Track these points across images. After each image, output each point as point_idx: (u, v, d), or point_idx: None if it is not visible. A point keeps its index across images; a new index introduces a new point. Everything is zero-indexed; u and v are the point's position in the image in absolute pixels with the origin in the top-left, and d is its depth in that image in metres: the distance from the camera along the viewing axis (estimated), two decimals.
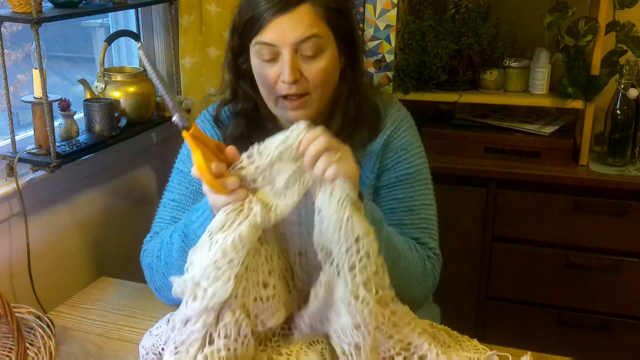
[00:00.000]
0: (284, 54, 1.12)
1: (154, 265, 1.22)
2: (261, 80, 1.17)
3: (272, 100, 1.18)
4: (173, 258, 1.16)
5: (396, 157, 1.25)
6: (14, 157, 1.54)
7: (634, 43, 1.91)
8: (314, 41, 1.12)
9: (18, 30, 1.76)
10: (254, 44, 1.14)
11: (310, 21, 1.11)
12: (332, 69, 1.16)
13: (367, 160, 1.25)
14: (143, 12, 2.04)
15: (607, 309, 1.99)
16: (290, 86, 1.13)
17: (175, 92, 2.10)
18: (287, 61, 1.11)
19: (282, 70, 1.13)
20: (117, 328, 1.26)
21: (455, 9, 2.06)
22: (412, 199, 1.24)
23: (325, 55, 1.14)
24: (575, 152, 1.99)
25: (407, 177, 1.25)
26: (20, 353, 0.94)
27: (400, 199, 1.24)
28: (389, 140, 1.26)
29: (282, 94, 1.15)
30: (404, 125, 1.28)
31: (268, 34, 1.12)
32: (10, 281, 1.56)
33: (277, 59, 1.14)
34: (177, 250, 1.15)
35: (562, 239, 1.97)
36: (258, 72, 1.17)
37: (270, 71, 1.14)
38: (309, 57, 1.13)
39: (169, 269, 1.18)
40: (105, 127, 1.71)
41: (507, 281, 2.05)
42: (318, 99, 1.17)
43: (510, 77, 2.08)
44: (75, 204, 1.78)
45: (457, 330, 1.14)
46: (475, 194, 2.00)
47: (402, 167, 1.25)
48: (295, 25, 1.10)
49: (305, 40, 1.11)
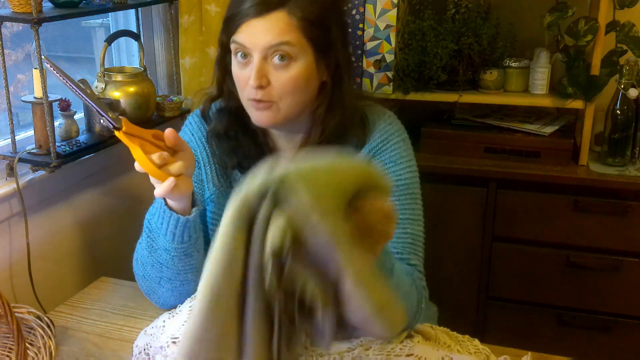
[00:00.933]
0: (254, 57, 1.12)
1: (136, 269, 1.24)
2: (236, 79, 1.18)
3: (245, 101, 1.18)
4: (144, 256, 1.18)
5: (384, 169, 1.21)
6: (14, 157, 1.54)
7: (634, 43, 1.91)
8: (285, 49, 1.11)
9: (18, 30, 1.76)
10: (231, 42, 1.15)
11: (283, 28, 1.10)
12: (303, 80, 1.14)
13: None
14: (143, 12, 2.04)
15: (607, 309, 1.99)
16: (255, 91, 1.13)
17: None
18: (255, 66, 1.11)
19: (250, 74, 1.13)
20: (117, 328, 1.26)
21: (455, 9, 2.06)
22: (399, 212, 1.19)
23: (297, 65, 1.13)
24: (575, 152, 1.99)
25: (395, 189, 1.21)
26: (20, 353, 0.94)
27: None
28: (375, 152, 1.23)
29: (250, 97, 1.15)
30: (394, 139, 1.25)
31: (242, 34, 1.12)
32: (10, 281, 1.56)
33: (250, 62, 1.13)
34: (146, 248, 1.17)
35: (562, 239, 1.97)
36: (234, 72, 1.17)
37: (242, 72, 1.15)
38: (278, 65, 1.12)
39: (144, 268, 1.20)
40: (105, 127, 1.70)
41: (507, 281, 2.05)
42: (285, 108, 1.15)
43: (510, 77, 2.08)
44: (75, 204, 1.78)
45: (457, 330, 1.14)
46: (475, 194, 2.00)
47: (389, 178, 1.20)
48: (267, 30, 1.10)
49: (275, 46, 1.11)
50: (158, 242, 1.14)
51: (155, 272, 1.17)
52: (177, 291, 1.19)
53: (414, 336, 1.10)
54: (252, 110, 1.17)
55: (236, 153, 1.25)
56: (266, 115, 1.16)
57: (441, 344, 1.09)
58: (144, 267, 1.20)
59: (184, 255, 1.14)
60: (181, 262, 1.15)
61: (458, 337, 1.12)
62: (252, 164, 1.11)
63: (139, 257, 1.21)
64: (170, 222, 1.10)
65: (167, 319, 1.14)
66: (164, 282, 1.18)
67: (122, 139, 0.97)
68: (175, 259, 1.14)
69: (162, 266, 1.16)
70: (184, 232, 1.11)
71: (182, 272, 1.16)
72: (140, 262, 1.21)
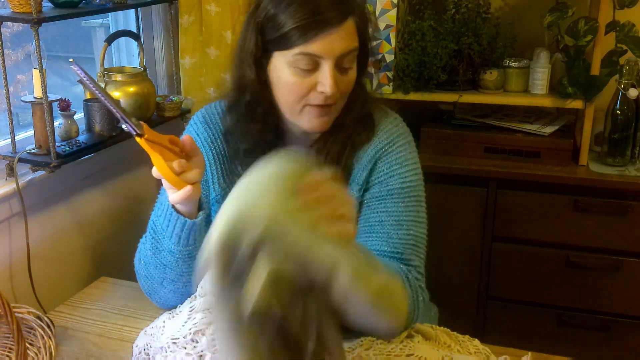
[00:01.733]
0: (326, 65, 1.11)
1: (138, 269, 1.24)
2: (292, 88, 1.14)
3: (298, 108, 1.16)
4: (147, 257, 1.19)
5: (389, 172, 1.22)
6: (14, 157, 1.54)
7: (634, 43, 1.91)
8: (354, 54, 1.15)
9: (18, 31, 1.76)
10: (295, 54, 1.11)
11: (353, 35, 1.14)
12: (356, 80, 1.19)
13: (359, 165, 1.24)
14: (143, 12, 2.04)
15: (607, 309, 1.99)
16: (326, 97, 1.13)
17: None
18: (330, 74, 1.11)
19: (319, 81, 1.12)
20: (117, 328, 1.26)
21: (455, 9, 2.06)
22: (402, 214, 1.20)
23: (354, 67, 1.17)
24: (575, 152, 1.99)
25: (400, 191, 1.21)
26: (20, 353, 0.94)
27: (390, 212, 1.20)
28: (381, 154, 1.23)
29: (314, 104, 1.15)
30: (400, 141, 1.25)
31: (315, 45, 1.10)
32: (10, 281, 1.56)
33: (315, 70, 1.13)
34: (150, 249, 1.17)
35: (562, 239, 1.97)
36: (288, 80, 1.14)
37: (305, 80, 1.13)
38: (344, 69, 1.14)
39: (147, 268, 1.20)
40: (105, 127, 1.71)
41: (507, 281, 2.05)
42: (337, 110, 1.19)
43: (510, 77, 2.08)
44: (75, 204, 1.78)
45: (457, 330, 1.14)
46: (475, 194, 2.00)
47: (394, 180, 1.22)
48: (343, 37, 1.11)
49: (347, 53, 1.13)
50: (163, 244, 1.15)
51: (158, 273, 1.18)
52: (179, 292, 1.19)
53: (414, 336, 1.10)
54: (312, 117, 1.16)
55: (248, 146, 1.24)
56: (326, 121, 1.17)
57: (441, 344, 1.09)
58: (146, 267, 1.20)
59: (188, 258, 1.14)
60: (185, 264, 1.15)
61: (458, 337, 1.12)
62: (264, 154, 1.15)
63: (141, 257, 1.21)
64: (177, 225, 1.10)
65: (167, 319, 1.14)
66: (166, 283, 1.18)
67: (143, 145, 0.96)
68: (179, 261, 1.15)
69: (166, 267, 1.16)
70: (189, 235, 1.11)
71: (185, 274, 1.16)
72: (143, 262, 1.21)
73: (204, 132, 1.28)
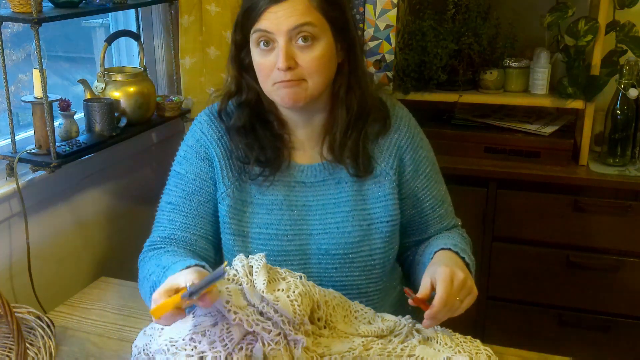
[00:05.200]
0: (279, 41, 1.15)
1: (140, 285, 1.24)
2: (259, 68, 1.20)
3: (269, 87, 1.20)
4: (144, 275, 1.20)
5: (418, 157, 1.32)
6: (14, 157, 1.54)
7: (634, 43, 1.91)
8: (308, 29, 1.16)
9: (18, 31, 1.76)
10: (252, 33, 1.18)
11: (303, 10, 1.15)
12: (327, 58, 1.19)
13: (384, 155, 1.29)
14: (143, 12, 2.04)
15: (607, 309, 1.99)
16: (285, 73, 1.16)
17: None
18: (282, 49, 1.15)
19: (277, 59, 1.16)
20: (117, 328, 1.26)
21: (455, 9, 2.06)
22: (442, 191, 1.36)
23: (320, 44, 1.17)
24: (575, 152, 1.99)
25: (432, 173, 1.34)
26: (20, 353, 0.94)
27: (435, 195, 1.34)
28: (404, 138, 1.31)
29: (278, 80, 1.18)
30: (412, 123, 1.34)
31: (264, 21, 1.15)
32: (10, 281, 1.56)
33: (274, 48, 1.17)
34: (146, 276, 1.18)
35: (562, 239, 1.97)
36: (257, 61, 1.20)
37: (266, 59, 1.18)
38: (303, 46, 1.16)
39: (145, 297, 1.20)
40: (105, 127, 1.71)
41: (507, 281, 2.05)
42: (314, 87, 1.19)
43: (510, 77, 2.08)
44: (75, 204, 1.78)
45: (457, 330, 1.14)
46: (475, 194, 2.00)
47: (424, 165, 1.33)
48: (289, 13, 1.14)
49: (298, 27, 1.15)
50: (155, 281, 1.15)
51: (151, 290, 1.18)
52: None
53: (415, 337, 1.10)
54: (281, 90, 1.18)
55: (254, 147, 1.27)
56: (295, 92, 1.18)
57: (442, 344, 1.09)
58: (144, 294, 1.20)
59: None
60: None
61: (459, 338, 1.12)
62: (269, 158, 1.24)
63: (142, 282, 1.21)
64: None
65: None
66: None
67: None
68: None
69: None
70: None
71: None
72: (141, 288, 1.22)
73: (210, 130, 1.30)
